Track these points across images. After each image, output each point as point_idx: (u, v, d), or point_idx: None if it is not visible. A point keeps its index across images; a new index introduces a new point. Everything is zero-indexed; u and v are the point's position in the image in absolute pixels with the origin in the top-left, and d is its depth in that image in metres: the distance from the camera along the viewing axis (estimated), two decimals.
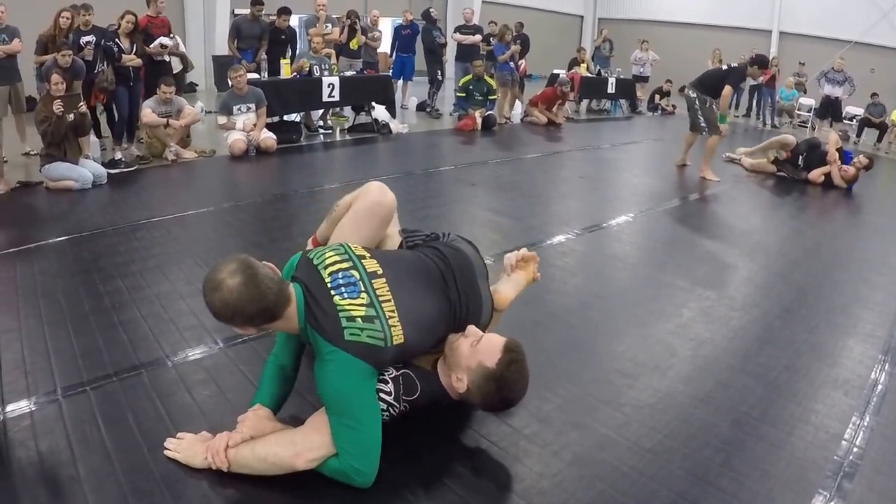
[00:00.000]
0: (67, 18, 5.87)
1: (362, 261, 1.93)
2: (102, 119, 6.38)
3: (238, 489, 1.76)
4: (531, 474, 1.90)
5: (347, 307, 1.76)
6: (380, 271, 1.91)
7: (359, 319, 1.75)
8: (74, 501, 1.70)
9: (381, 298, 1.83)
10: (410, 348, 1.86)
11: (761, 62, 6.41)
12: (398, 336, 1.79)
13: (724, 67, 6.49)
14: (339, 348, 1.71)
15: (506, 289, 2.28)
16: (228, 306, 1.66)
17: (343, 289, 1.81)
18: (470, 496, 1.79)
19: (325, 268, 1.87)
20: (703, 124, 6.40)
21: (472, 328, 1.99)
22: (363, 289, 1.83)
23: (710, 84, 6.35)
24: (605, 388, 2.40)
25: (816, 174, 6.53)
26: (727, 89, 6.23)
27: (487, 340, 1.90)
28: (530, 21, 12.71)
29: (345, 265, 1.88)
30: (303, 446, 1.72)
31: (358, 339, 1.72)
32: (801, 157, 6.74)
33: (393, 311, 1.82)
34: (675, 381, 2.49)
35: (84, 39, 5.89)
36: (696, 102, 6.39)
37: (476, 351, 1.87)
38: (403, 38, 9.80)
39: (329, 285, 1.81)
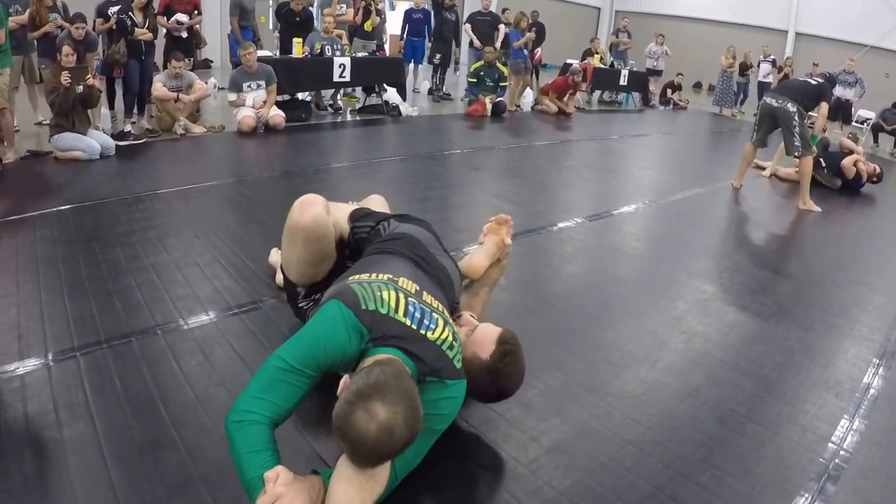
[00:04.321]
0: None
1: (399, 283, 1.76)
2: (119, 91, 6.39)
3: (213, 457, 1.78)
4: (508, 459, 1.90)
5: (440, 337, 1.67)
6: (418, 286, 1.80)
7: (455, 343, 1.71)
8: (55, 464, 1.72)
9: (440, 310, 1.76)
10: None
11: (833, 83, 5.95)
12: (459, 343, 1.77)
13: (812, 82, 5.64)
14: (459, 379, 1.69)
15: (478, 256, 2.28)
16: (412, 432, 1.43)
17: (424, 322, 1.67)
18: (444, 479, 1.79)
19: (395, 311, 1.66)
20: (797, 143, 5.49)
21: (465, 317, 1.97)
22: (430, 311, 1.72)
23: (806, 97, 5.52)
24: (590, 377, 2.39)
25: (849, 161, 6.33)
26: (825, 107, 5.55)
27: (482, 331, 1.89)
28: (548, 11, 12.60)
29: (402, 298, 1.70)
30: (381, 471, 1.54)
31: (460, 364, 1.71)
32: (821, 159, 6.46)
33: (449, 318, 1.79)
34: (662, 373, 2.48)
35: (112, 10, 5.90)
36: (796, 117, 5.43)
37: (471, 342, 1.85)
38: (414, 22, 9.71)
39: (414, 327, 1.65)
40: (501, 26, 9.85)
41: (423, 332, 1.65)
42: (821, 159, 6.46)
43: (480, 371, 1.80)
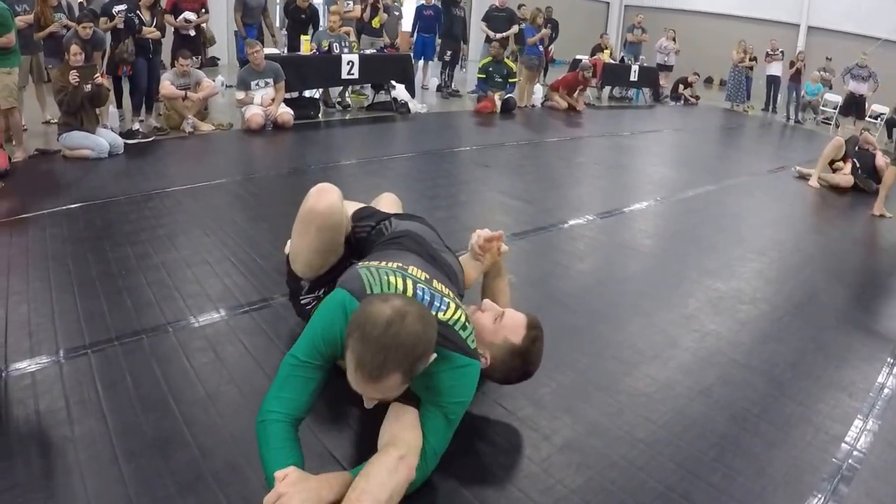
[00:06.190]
0: None
1: (409, 271, 1.76)
2: (126, 89, 6.42)
3: (224, 454, 1.78)
4: (520, 457, 1.90)
5: (452, 318, 1.67)
6: (427, 274, 1.80)
7: (468, 325, 1.72)
8: (67, 461, 1.73)
9: (451, 296, 1.76)
10: None
11: None
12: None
13: None
14: (473, 358, 1.67)
15: (468, 269, 2.20)
16: (424, 335, 1.46)
17: (435, 304, 1.67)
18: (456, 476, 1.78)
19: (405, 293, 1.65)
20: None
21: (487, 302, 2.02)
22: (441, 296, 1.72)
23: None
24: (601, 375, 2.38)
25: (882, 159, 6.09)
26: None
27: (510, 317, 1.95)
28: (557, 6, 12.50)
29: (410, 282, 1.70)
30: (409, 455, 1.57)
31: (474, 345, 1.72)
32: (855, 160, 6.26)
33: (461, 304, 1.80)
34: (674, 371, 2.46)
35: (117, 8, 5.92)
36: None
37: (501, 327, 1.92)
38: (425, 18, 9.68)
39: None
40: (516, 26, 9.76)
41: (433, 312, 1.63)
42: (855, 160, 6.28)
43: (512, 354, 1.90)
